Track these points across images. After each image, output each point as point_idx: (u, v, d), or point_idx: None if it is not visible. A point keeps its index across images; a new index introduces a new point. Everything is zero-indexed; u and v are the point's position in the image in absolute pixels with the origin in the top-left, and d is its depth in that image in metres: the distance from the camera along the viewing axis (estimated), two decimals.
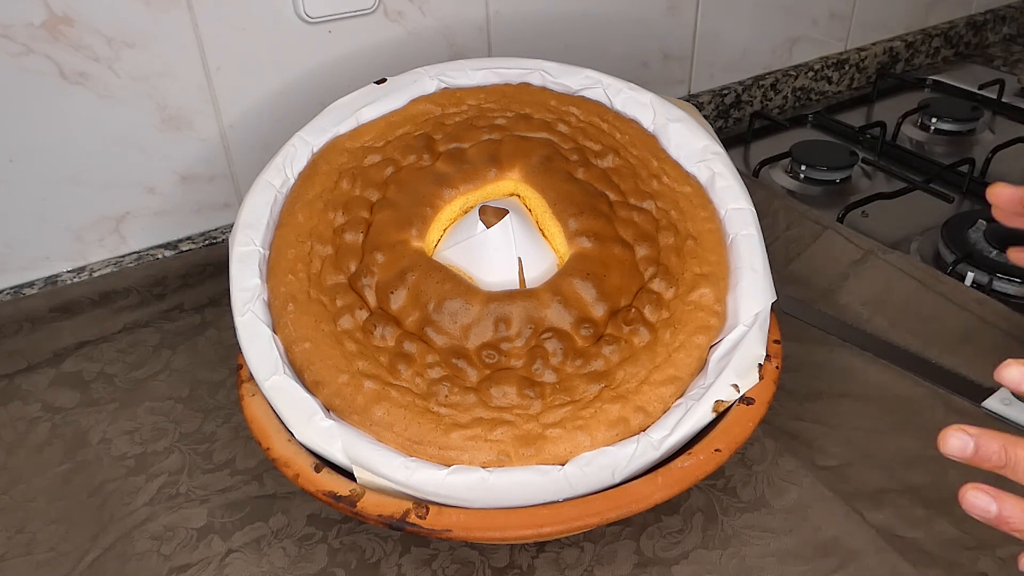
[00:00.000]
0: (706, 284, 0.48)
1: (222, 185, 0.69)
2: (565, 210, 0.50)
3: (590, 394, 0.44)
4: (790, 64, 0.99)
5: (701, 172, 0.54)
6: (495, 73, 0.59)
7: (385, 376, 0.45)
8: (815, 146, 0.86)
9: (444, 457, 0.42)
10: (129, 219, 0.66)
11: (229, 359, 0.59)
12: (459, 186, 0.52)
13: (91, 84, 0.60)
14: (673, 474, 0.42)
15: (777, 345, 0.49)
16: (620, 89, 0.58)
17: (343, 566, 0.45)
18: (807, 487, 0.48)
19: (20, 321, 0.61)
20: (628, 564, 0.45)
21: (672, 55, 0.88)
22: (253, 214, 0.51)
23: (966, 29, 1.14)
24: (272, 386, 0.44)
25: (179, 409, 0.56)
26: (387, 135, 0.55)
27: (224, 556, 0.46)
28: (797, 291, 0.64)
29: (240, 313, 0.47)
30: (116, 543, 0.47)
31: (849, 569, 0.44)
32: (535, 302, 0.46)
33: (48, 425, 0.55)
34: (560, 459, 0.42)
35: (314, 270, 0.49)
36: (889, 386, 0.55)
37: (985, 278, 0.66)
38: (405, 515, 0.40)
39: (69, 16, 0.58)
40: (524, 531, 0.40)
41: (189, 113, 0.65)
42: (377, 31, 0.69)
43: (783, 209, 0.72)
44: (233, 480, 0.50)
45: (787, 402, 0.54)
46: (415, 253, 0.49)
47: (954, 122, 0.92)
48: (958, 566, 0.44)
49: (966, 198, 0.80)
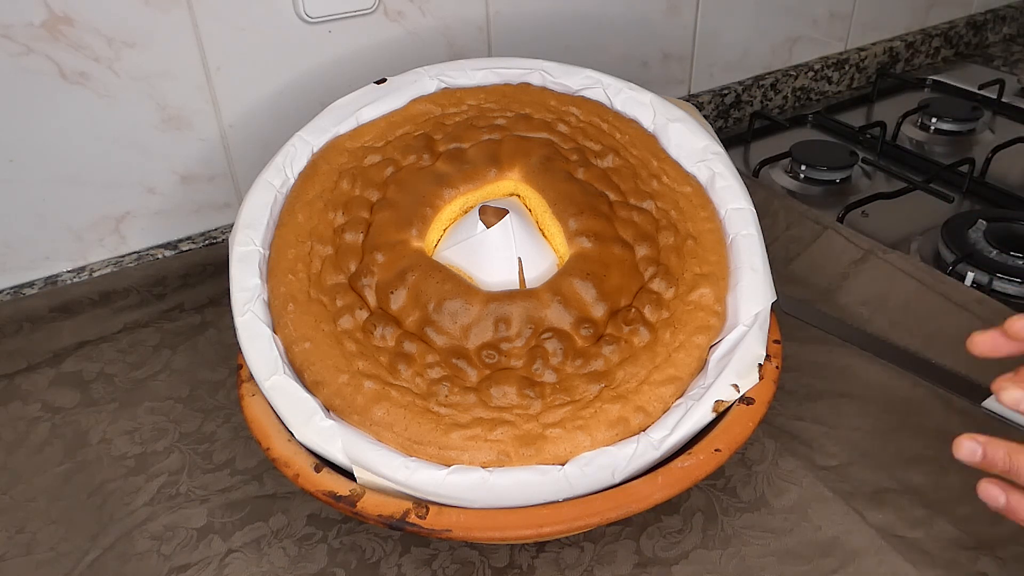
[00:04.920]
0: (706, 284, 0.48)
1: (222, 185, 0.69)
2: (565, 210, 0.50)
3: (590, 394, 0.44)
4: (790, 64, 0.99)
5: (701, 172, 0.54)
6: (495, 73, 0.59)
7: (385, 376, 0.45)
8: (815, 146, 0.86)
9: (444, 457, 0.42)
10: (129, 219, 0.66)
11: (229, 359, 0.59)
12: (459, 186, 0.52)
13: (91, 84, 0.60)
14: (673, 474, 0.42)
15: (777, 345, 0.49)
16: (620, 89, 0.58)
17: (343, 566, 0.45)
18: (807, 487, 0.48)
19: (20, 321, 0.61)
20: (628, 564, 0.45)
21: (672, 55, 0.88)
22: (253, 214, 0.51)
23: (966, 29, 1.14)
24: (272, 386, 0.44)
25: (179, 409, 0.56)
26: (387, 135, 0.55)
27: (224, 556, 0.46)
28: (797, 291, 0.64)
29: (240, 313, 0.47)
30: (116, 543, 0.47)
31: (849, 569, 0.44)
32: (535, 302, 0.46)
33: (48, 425, 0.55)
34: (560, 459, 0.42)
35: (314, 270, 0.49)
36: (889, 386, 0.55)
37: (985, 278, 0.66)
38: (405, 515, 0.40)
39: (69, 16, 0.58)
40: (524, 531, 0.40)
41: (189, 113, 0.65)
42: (377, 31, 0.69)
43: (783, 209, 0.72)
44: (233, 480, 0.50)
45: (787, 402, 0.54)
46: (415, 253, 0.49)
47: (954, 122, 0.92)
48: (958, 566, 0.44)
49: (966, 198, 0.80)
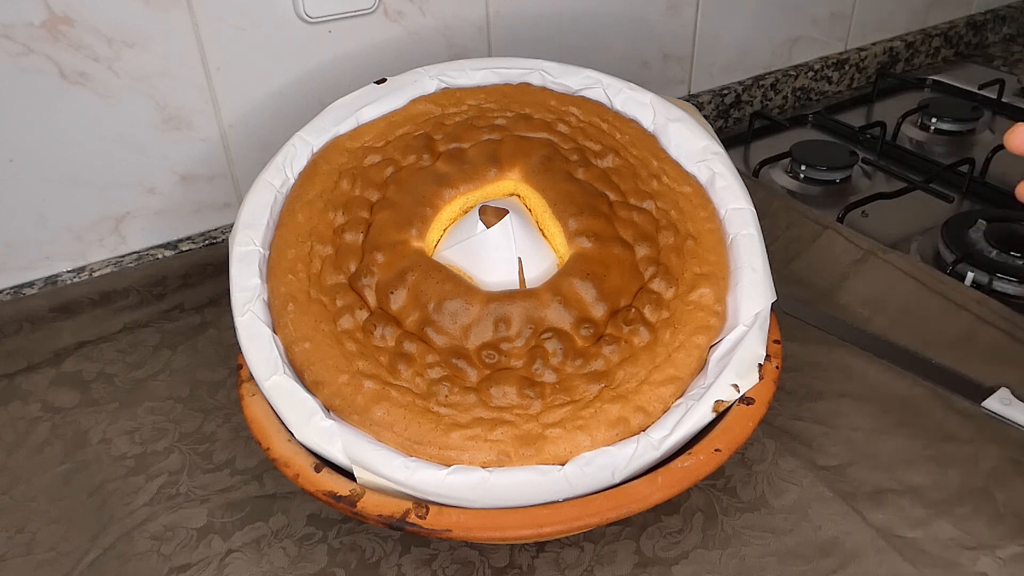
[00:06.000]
0: (706, 284, 0.48)
1: (222, 185, 0.69)
2: (565, 210, 0.50)
3: (590, 394, 0.44)
4: (790, 64, 0.99)
5: (701, 172, 0.54)
6: (495, 73, 0.59)
7: (385, 376, 0.45)
8: (815, 146, 0.86)
9: (444, 457, 0.42)
10: (129, 219, 0.67)
11: (229, 359, 0.59)
12: (459, 186, 0.52)
13: (91, 84, 0.60)
14: (673, 474, 0.42)
15: (777, 345, 0.49)
16: (620, 89, 0.58)
17: (343, 566, 0.45)
18: (807, 487, 0.48)
19: (20, 321, 0.61)
20: (628, 564, 0.45)
21: (672, 55, 0.88)
22: (253, 214, 0.51)
23: (966, 29, 1.14)
24: (272, 386, 0.44)
25: (179, 409, 0.56)
26: (387, 135, 0.55)
27: (224, 556, 0.46)
28: (797, 291, 0.64)
29: (240, 313, 0.47)
30: (116, 543, 0.47)
31: (849, 569, 0.44)
32: (535, 302, 0.46)
33: (48, 425, 0.55)
34: (560, 459, 0.42)
35: (314, 270, 0.49)
36: (889, 386, 0.55)
37: (985, 278, 0.66)
38: (405, 515, 0.40)
39: (69, 16, 0.58)
40: (524, 531, 0.40)
41: (189, 113, 0.65)
42: (377, 31, 0.69)
43: (783, 209, 0.72)
44: (233, 480, 0.50)
45: (787, 402, 0.54)
46: (415, 253, 0.49)
47: (954, 122, 0.92)
48: (958, 566, 0.44)
49: (966, 198, 0.80)
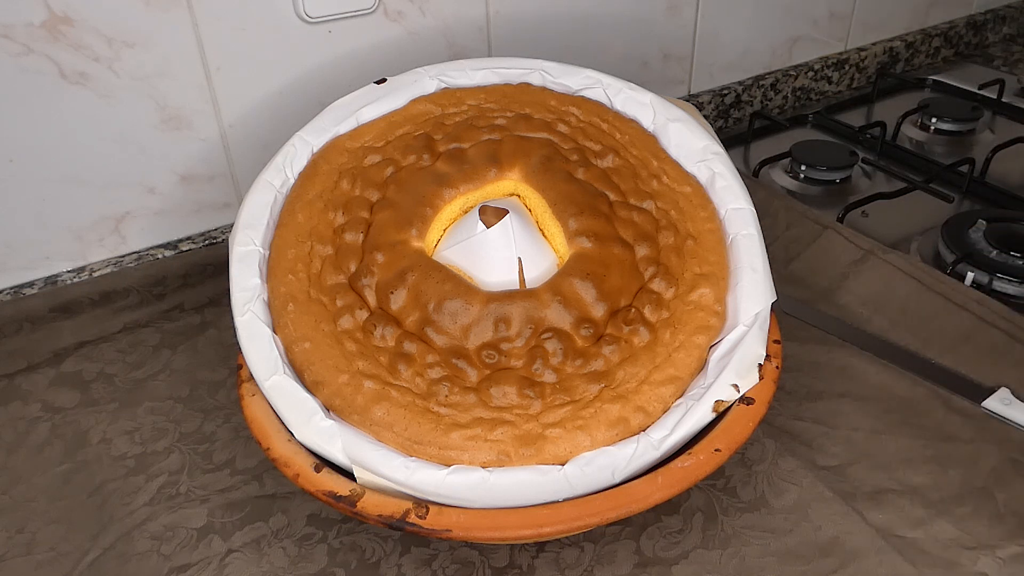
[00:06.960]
0: (706, 284, 0.48)
1: (222, 185, 0.69)
2: (565, 210, 0.50)
3: (590, 394, 0.44)
4: (790, 64, 0.99)
5: (701, 172, 0.54)
6: (495, 73, 0.59)
7: (385, 376, 0.45)
8: (815, 146, 0.86)
9: (444, 457, 0.42)
10: (129, 219, 0.67)
11: (229, 359, 0.59)
12: (459, 186, 0.52)
13: (91, 84, 0.60)
14: (673, 474, 0.42)
15: (777, 345, 0.49)
16: (620, 89, 0.58)
17: (343, 566, 0.45)
18: (807, 487, 0.48)
19: (20, 321, 0.61)
20: (628, 564, 0.45)
21: (672, 55, 0.88)
22: (253, 214, 0.51)
23: (966, 29, 1.14)
24: (272, 386, 0.44)
25: (179, 409, 0.56)
26: (387, 135, 0.55)
27: (224, 556, 0.46)
28: (797, 291, 0.64)
29: (240, 313, 0.47)
30: (116, 543, 0.47)
31: (849, 569, 0.44)
32: (535, 302, 0.46)
33: (48, 425, 0.55)
34: (560, 459, 0.42)
35: (314, 270, 0.49)
36: (889, 386, 0.55)
37: (985, 278, 0.66)
38: (405, 515, 0.40)
39: (69, 16, 0.58)
40: (524, 531, 0.40)
41: (189, 113, 0.65)
42: (377, 31, 0.69)
43: (783, 209, 0.72)
44: (233, 480, 0.50)
45: (787, 402, 0.54)
46: (415, 253, 0.49)
47: (954, 122, 0.92)
48: (958, 566, 0.44)
49: (966, 198, 0.80)
